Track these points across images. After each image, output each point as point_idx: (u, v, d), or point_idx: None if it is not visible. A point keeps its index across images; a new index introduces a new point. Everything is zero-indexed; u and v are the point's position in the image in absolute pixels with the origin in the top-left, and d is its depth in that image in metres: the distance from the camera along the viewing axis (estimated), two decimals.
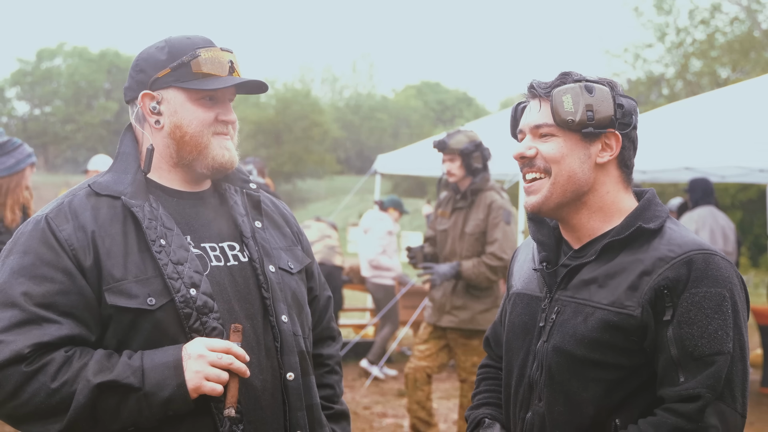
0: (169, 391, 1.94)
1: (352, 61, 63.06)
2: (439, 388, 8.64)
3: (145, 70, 2.16)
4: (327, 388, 2.45)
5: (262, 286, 2.19)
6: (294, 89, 45.48)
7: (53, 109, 43.39)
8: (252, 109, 41.20)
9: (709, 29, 22.30)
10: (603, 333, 1.94)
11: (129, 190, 2.11)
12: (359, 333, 10.12)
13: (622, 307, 1.93)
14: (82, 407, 1.91)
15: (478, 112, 47.88)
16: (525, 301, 2.18)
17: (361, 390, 8.45)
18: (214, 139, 2.16)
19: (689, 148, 7.43)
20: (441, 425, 7.30)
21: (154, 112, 2.15)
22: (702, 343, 1.87)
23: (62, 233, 2.02)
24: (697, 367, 1.87)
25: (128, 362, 1.96)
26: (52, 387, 1.92)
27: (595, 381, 1.97)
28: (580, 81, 2.03)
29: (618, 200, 2.07)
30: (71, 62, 43.61)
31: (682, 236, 1.98)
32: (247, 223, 2.26)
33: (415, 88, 55.83)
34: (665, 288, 1.90)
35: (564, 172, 2.03)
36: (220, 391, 1.97)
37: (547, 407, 2.04)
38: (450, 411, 7.77)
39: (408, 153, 12.54)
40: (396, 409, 7.78)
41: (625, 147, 2.05)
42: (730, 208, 19.27)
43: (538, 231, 2.17)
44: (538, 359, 2.07)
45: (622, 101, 2.03)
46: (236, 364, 1.99)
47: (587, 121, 1.99)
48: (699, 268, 1.90)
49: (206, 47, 2.15)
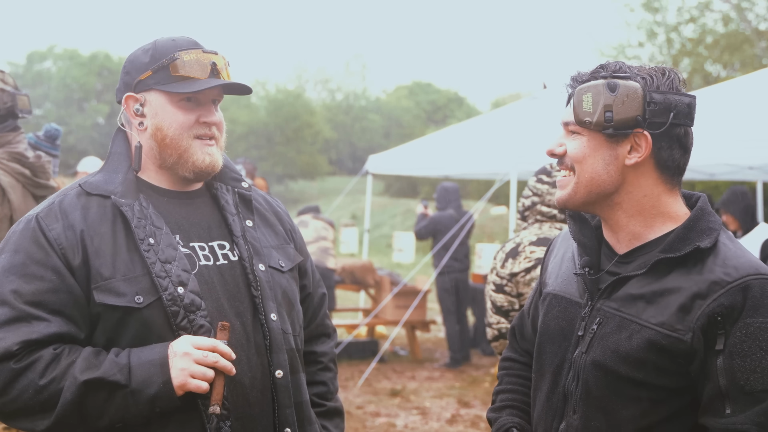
0: (155, 388, 1.97)
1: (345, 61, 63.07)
2: (432, 387, 8.66)
3: (130, 72, 2.19)
4: (320, 385, 2.45)
5: (252, 284, 2.20)
6: (286, 90, 45.43)
7: (44, 112, 43.26)
8: (243, 110, 41.13)
9: (699, 27, 22.38)
10: (648, 353, 1.85)
11: (119, 189, 2.13)
12: (352, 333, 10.13)
13: (672, 329, 1.83)
14: (69, 404, 1.95)
15: (469, 111, 47.81)
16: (563, 305, 2.06)
17: (353, 390, 8.46)
18: (194, 143, 2.16)
19: None
20: (434, 424, 7.33)
21: (138, 114, 2.18)
22: (754, 377, 1.78)
23: (51, 232, 2.05)
24: (747, 402, 1.79)
25: (115, 360, 2.00)
26: (40, 384, 1.96)
27: (635, 400, 1.88)
28: (609, 77, 1.90)
29: (660, 204, 1.94)
30: (62, 65, 43.53)
31: (737, 257, 1.86)
32: (238, 222, 2.27)
33: (406, 88, 55.76)
34: (719, 315, 1.79)
35: (586, 173, 1.94)
36: (206, 388, 1.99)
37: (582, 422, 1.95)
38: (443, 410, 7.78)
39: (400, 153, 12.55)
40: (389, 409, 7.79)
41: (661, 147, 1.90)
42: None
43: (580, 231, 2.05)
44: (575, 370, 1.97)
45: (657, 98, 1.87)
46: (222, 362, 2.00)
47: (605, 122, 1.87)
48: (755, 296, 1.79)
49: (188, 49, 2.16)
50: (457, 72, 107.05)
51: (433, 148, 11.82)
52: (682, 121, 1.90)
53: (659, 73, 1.91)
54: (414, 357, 10.19)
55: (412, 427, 7.25)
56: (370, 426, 7.21)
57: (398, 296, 9.70)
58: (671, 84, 1.90)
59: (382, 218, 29.74)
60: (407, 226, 26.58)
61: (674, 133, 1.91)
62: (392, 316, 9.76)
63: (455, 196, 10.07)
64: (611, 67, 1.93)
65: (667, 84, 1.90)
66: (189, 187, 2.26)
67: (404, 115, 49.70)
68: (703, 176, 9.59)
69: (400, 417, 7.54)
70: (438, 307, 12.70)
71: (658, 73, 1.91)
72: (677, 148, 1.93)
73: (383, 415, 7.60)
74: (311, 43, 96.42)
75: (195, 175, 2.20)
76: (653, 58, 23.03)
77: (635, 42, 23.18)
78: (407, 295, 9.73)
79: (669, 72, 1.93)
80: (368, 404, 7.94)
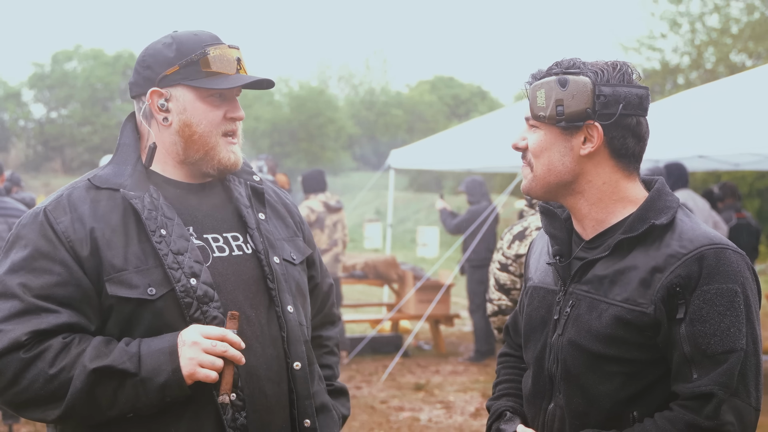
0: (164, 376, 1.98)
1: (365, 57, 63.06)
2: (456, 381, 8.65)
3: (152, 67, 2.17)
4: (326, 368, 2.51)
5: (268, 277, 2.21)
6: (309, 87, 45.50)
7: (70, 112, 43.56)
8: (267, 107, 41.28)
9: (723, 17, 22.15)
10: (617, 329, 1.95)
11: (128, 182, 2.14)
12: (375, 328, 10.14)
13: (636, 304, 1.93)
14: (78, 392, 1.96)
15: (492, 105, 47.65)
16: (541, 295, 2.18)
17: (377, 384, 8.46)
18: (221, 140, 2.18)
19: (702, 137, 7.39)
20: (458, 418, 7.32)
21: (162, 110, 2.16)
22: (715, 341, 1.87)
23: (59, 225, 2.06)
24: (711, 364, 1.87)
25: (125, 348, 2.00)
26: (50, 373, 1.96)
27: (611, 375, 1.97)
28: (561, 73, 2.01)
29: (619, 190, 2.04)
30: (87, 65, 43.81)
31: (693, 229, 1.96)
32: (252, 215, 2.28)
33: (429, 83, 55.61)
34: (677, 285, 1.89)
35: (543, 164, 2.04)
36: (215, 377, 2.00)
37: (565, 400, 2.05)
38: (467, 404, 7.77)
39: (422, 147, 12.54)
40: (413, 403, 7.79)
41: (613, 137, 1.99)
42: (748, 197, 19.13)
43: (550, 224, 2.17)
44: (554, 353, 2.08)
45: (605, 91, 1.96)
46: (231, 351, 2.00)
47: (557, 116, 1.99)
48: (710, 264, 1.89)
49: (214, 44, 2.16)
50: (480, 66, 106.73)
51: (456, 142, 11.80)
52: (632, 111, 1.99)
53: (610, 67, 2.01)
54: (438, 351, 10.18)
55: (436, 421, 7.24)
56: (394, 420, 7.21)
57: (421, 291, 9.69)
58: (622, 77, 2.00)
59: (406, 213, 29.73)
60: (431, 220, 26.56)
61: (625, 123, 2.00)
62: (416, 310, 9.75)
63: (484, 189, 9.99)
64: (565, 64, 2.04)
65: (617, 77, 2.00)
66: (202, 180, 2.26)
67: (427, 109, 49.59)
68: (728, 166, 9.50)
69: (424, 411, 7.53)
70: (461, 301, 12.70)
71: (609, 67, 2.01)
72: (630, 137, 2.02)
73: (407, 409, 7.59)
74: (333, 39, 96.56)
75: (219, 173, 2.22)
76: (677, 50, 22.84)
77: (658, 34, 22.96)
78: (430, 289, 9.72)
79: (621, 66, 2.02)
80: (392, 399, 7.94)
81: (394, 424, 7.11)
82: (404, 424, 7.09)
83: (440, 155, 11.97)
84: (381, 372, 8.88)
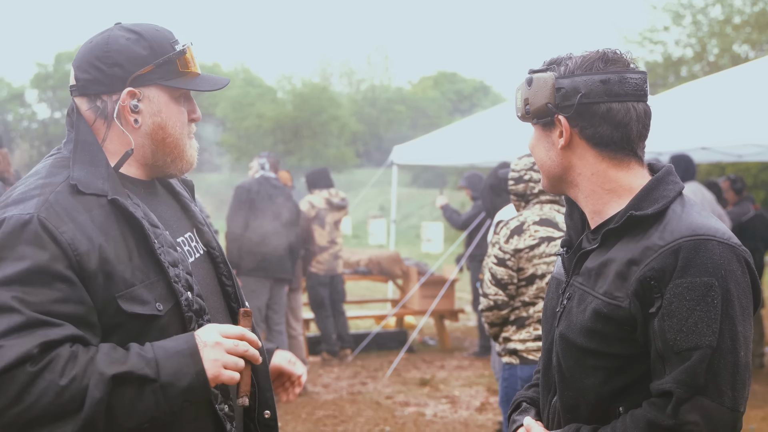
0: (188, 379, 1.83)
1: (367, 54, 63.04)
2: (461, 376, 8.64)
3: (120, 64, 1.98)
4: None
5: (223, 274, 2.15)
6: (311, 84, 45.46)
7: None
8: (270, 105, 41.27)
9: (726, 8, 22.08)
10: (596, 323, 1.92)
11: (107, 186, 1.94)
12: (380, 323, 10.14)
13: (612, 297, 1.89)
14: (97, 403, 1.75)
15: (495, 100, 47.61)
16: (554, 286, 2.18)
17: (383, 380, 8.46)
18: (188, 142, 2.08)
19: (705, 128, 7.37)
20: (463, 412, 7.31)
21: (134, 111, 2.00)
22: (681, 336, 1.81)
23: (64, 236, 1.82)
24: (676, 361, 1.82)
25: (141, 353, 1.83)
26: (60, 384, 1.74)
27: (594, 369, 1.95)
28: (531, 73, 2.04)
29: (610, 180, 2.00)
30: None
31: (681, 220, 1.89)
32: (197, 210, 2.20)
33: (431, 78, 55.66)
34: (652, 279, 1.83)
35: (537, 161, 2.09)
36: (238, 379, 1.90)
37: (559, 392, 2.05)
38: (472, 398, 7.77)
39: (425, 143, 12.53)
40: (418, 398, 7.78)
41: (583, 127, 1.97)
42: (753, 188, 19.08)
43: (569, 214, 2.17)
44: (555, 345, 2.08)
45: (564, 83, 1.96)
46: (251, 350, 1.92)
47: (526, 114, 2.03)
48: (686, 257, 1.82)
49: (176, 41, 2.05)
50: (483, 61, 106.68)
51: (459, 138, 11.79)
52: (596, 99, 1.95)
53: (581, 58, 1.99)
54: (443, 346, 10.17)
55: (442, 416, 7.24)
56: (400, 416, 7.21)
57: (426, 286, 9.69)
58: (590, 66, 1.97)
59: (410, 209, 29.73)
60: (435, 216, 26.55)
61: (592, 111, 1.96)
62: (420, 305, 9.74)
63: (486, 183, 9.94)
64: (546, 63, 2.04)
65: (584, 67, 1.97)
66: (151, 177, 2.12)
67: (430, 105, 49.58)
68: (732, 158, 9.47)
69: (429, 406, 7.53)
70: (466, 296, 12.70)
71: (580, 58, 1.99)
72: (602, 124, 1.96)
73: (412, 404, 7.59)
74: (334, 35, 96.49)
75: (182, 173, 2.12)
76: (680, 42, 22.78)
77: (660, 26, 22.90)
78: (435, 284, 9.72)
79: (594, 54, 1.99)
80: (397, 394, 7.94)
81: (399, 419, 7.11)
82: (410, 419, 7.09)
83: (443, 151, 11.96)
84: (386, 367, 8.88)
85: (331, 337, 9.14)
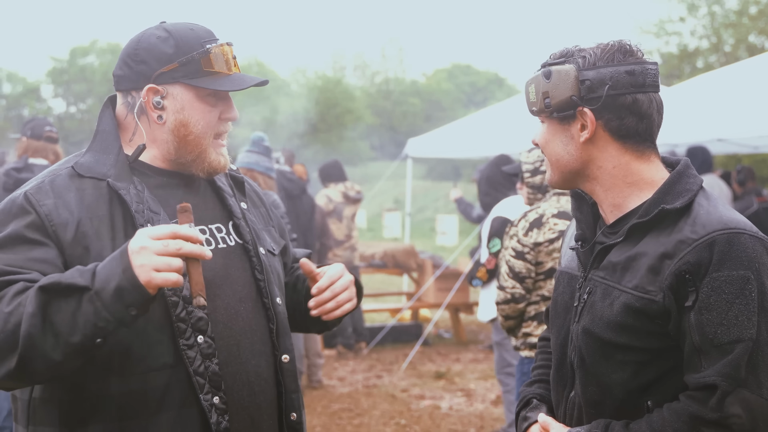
0: (116, 279, 1.79)
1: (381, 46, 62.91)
2: (477, 369, 8.65)
3: (147, 62, 2.06)
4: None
5: (256, 268, 2.16)
6: (325, 77, 45.50)
7: (88, 107, 43.78)
8: (284, 99, 41.33)
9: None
10: (627, 317, 1.91)
11: (112, 171, 2.03)
12: (395, 317, 10.15)
13: (645, 291, 1.88)
14: (31, 316, 1.78)
15: (509, 92, 47.42)
16: (566, 280, 2.16)
17: (398, 373, 8.48)
18: (213, 143, 2.11)
19: (721, 119, 7.33)
20: (479, 406, 7.32)
21: (157, 107, 2.07)
22: (721, 330, 1.81)
23: (43, 208, 1.94)
24: (717, 355, 1.82)
25: (79, 268, 1.85)
26: (6, 312, 1.81)
27: (623, 363, 1.94)
28: (547, 65, 2.00)
29: (632, 172, 1.99)
30: (104, 59, 43.99)
31: (710, 214, 1.89)
32: (236, 204, 2.23)
33: (445, 71, 55.56)
34: (687, 272, 1.83)
35: (552, 156, 2.05)
36: (175, 279, 1.81)
37: (581, 388, 2.03)
38: (488, 391, 7.78)
39: (439, 135, 12.51)
40: (433, 391, 7.80)
41: (609, 119, 1.95)
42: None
43: (577, 208, 2.14)
44: (573, 340, 2.06)
45: (589, 75, 1.93)
46: (186, 247, 1.82)
47: (545, 108, 1.99)
48: (721, 251, 1.82)
49: (211, 41, 2.09)
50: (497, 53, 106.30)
51: (473, 130, 11.76)
52: (623, 90, 1.94)
53: (599, 49, 1.97)
54: (458, 339, 10.18)
55: (457, 409, 7.25)
56: (415, 409, 7.22)
57: (441, 279, 9.69)
58: (611, 56, 1.95)
59: (425, 202, 29.71)
60: (450, 209, 26.50)
61: (618, 103, 1.95)
62: (435, 299, 9.75)
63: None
64: (556, 55, 2.02)
65: (605, 58, 1.95)
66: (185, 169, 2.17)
67: (444, 98, 49.53)
68: (748, 149, 9.43)
69: (444, 399, 7.54)
70: None
71: (599, 49, 1.97)
72: (629, 116, 1.96)
73: (428, 397, 7.60)
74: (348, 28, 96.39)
75: (207, 175, 2.15)
76: (695, 32, 22.65)
77: (676, 17, 22.76)
78: (450, 277, 9.72)
79: (612, 45, 1.97)
80: (413, 387, 7.95)
81: (415, 412, 7.12)
82: (425, 413, 7.10)
83: (458, 143, 11.93)
84: (401, 361, 8.89)
85: (346, 330, 9.16)
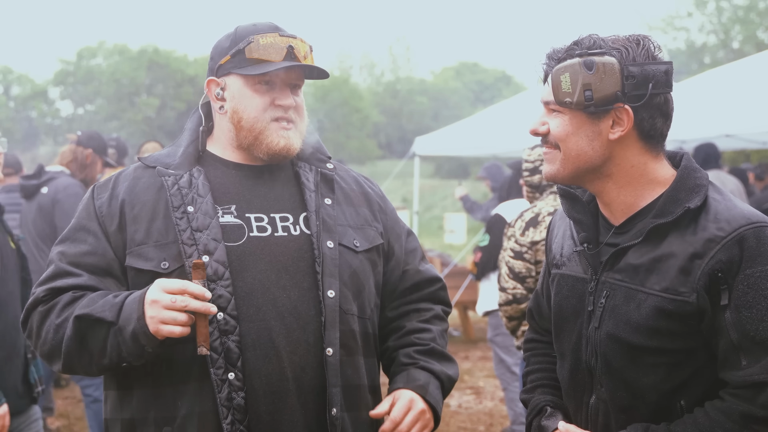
0: (132, 325, 2.01)
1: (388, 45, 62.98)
2: (486, 367, 8.64)
3: (213, 58, 2.27)
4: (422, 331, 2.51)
5: (316, 260, 2.20)
6: (332, 76, 45.55)
7: (96, 108, 43.82)
8: None
9: None
10: (658, 320, 1.87)
11: (176, 161, 2.24)
12: None
13: (677, 293, 1.85)
14: (68, 339, 2.08)
15: (517, 90, 47.31)
16: (570, 284, 2.10)
17: None
18: (271, 125, 2.21)
19: (729, 115, 7.32)
20: (488, 403, 7.33)
21: (219, 98, 2.25)
22: (763, 326, 1.80)
23: (97, 201, 2.23)
24: (760, 351, 1.80)
25: (110, 299, 2.08)
26: (56, 323, 2.10)
27: (654, 366, 1.91)
28: (584, 54, 1.89)
29: (648, 172, 1.96)
30: (111, 60, 44.01)
31: (729, 209, 1.88)
32: (314, 199, 2.27)
33: (453, 69, 55.47)
34: (719, 271, 1.81)
35: (572, 150, 1.95)
36: (179, 333, 1.98)
37: (609, 394, 1.99)
38: (497, 389, 7.77)
39: (447, 134, 12.53)
40: None
41: (643, 119, 1.90)
42: None
43: (572, 208, 2.08)
44: (592, 345, 2.01)
45: (634, 71, 1.86)
46: (193, 304, 1.97)
47: (585, 102, 1.87)
48: (751, 246, 1.81)
49: (265, 33, 2.19)
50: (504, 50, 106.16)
51: (481, 128, 11.77)
52: (661, 89, 1.89)
53: (633, 43, 1.91)
54: (467, 337, 10.19)
55: (466, 406, 7.26)
56: None
57: (449, 277, 9.67)
58: (647, 53, 1.90)
59: (432, 200, 29.71)
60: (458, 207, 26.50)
61: (654, 103, 1.91)
62: None
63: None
64: (585, 43, 1.92)
65: (642, 54, 1.90)
66: (261, 162, 2.29)
67: (452, 96, 49.45)
68: (756, 145, 9.41)
69: (454, 397, 7.54)
70: None
71: (633, 43, 1.91)
72: (659, 116, 1.93)
73: None
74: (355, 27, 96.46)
75: (270, 157, 2.24)
76: (703, 28, 22.60)
77: (684, 12, 22.72)
78: (458, 275, 9.71)
79: (643, 41, 1.92)
80: None
81: None
82: None
83: (466, 141, 11.95)
84: None
85: None
